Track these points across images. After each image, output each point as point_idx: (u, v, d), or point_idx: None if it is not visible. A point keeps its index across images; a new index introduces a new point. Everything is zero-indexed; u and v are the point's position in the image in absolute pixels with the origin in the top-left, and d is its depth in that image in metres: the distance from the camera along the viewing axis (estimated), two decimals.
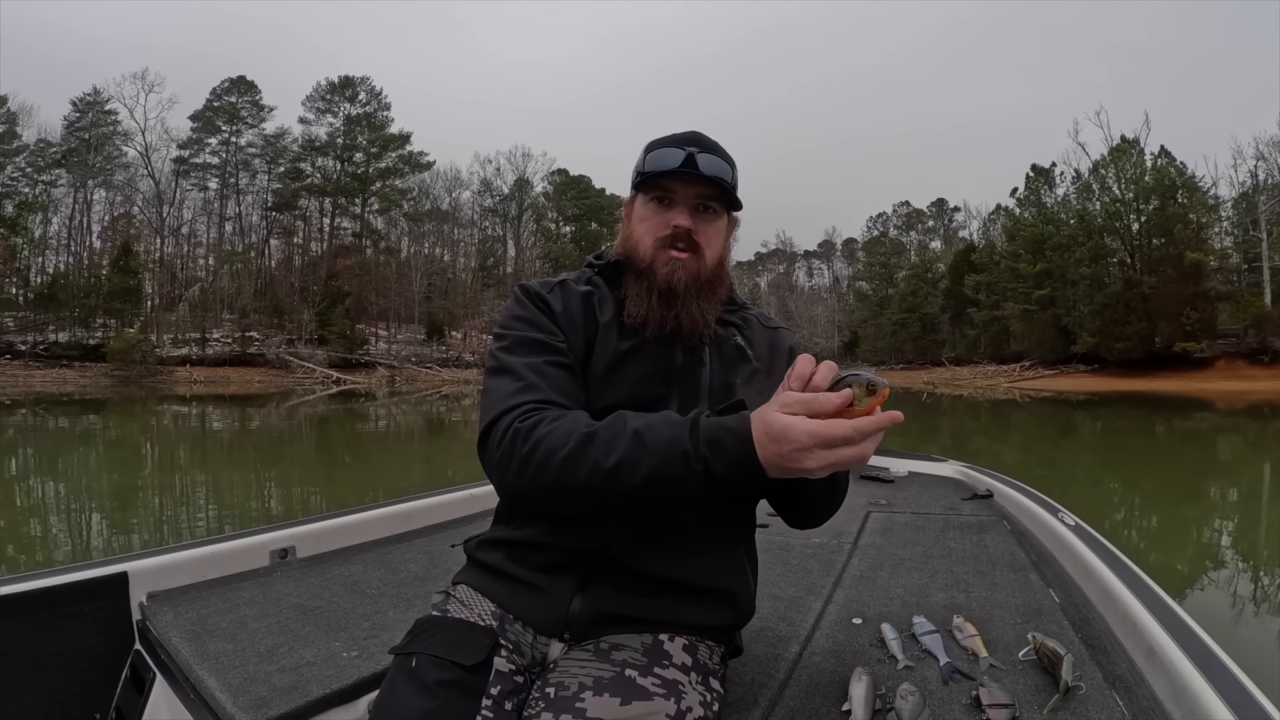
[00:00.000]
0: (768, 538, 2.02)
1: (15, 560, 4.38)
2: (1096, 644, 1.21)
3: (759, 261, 75.35)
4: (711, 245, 0.98)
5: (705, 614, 0.93)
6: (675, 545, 0.91)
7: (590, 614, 0.89)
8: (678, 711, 0.79)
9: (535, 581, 0.91)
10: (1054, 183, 43.50)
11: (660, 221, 0.96)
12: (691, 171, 0.93)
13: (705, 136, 0.98)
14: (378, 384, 36.51)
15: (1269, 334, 30.98)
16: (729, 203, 0.98)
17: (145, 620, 1.38)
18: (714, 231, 0.98)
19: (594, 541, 0.89)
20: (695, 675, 0.86)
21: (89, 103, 43.32)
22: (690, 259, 0.95)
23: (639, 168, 0.98)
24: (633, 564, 0.90)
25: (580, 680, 0.81)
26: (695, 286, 0.95)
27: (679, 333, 0.95)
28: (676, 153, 0.94)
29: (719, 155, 0.96)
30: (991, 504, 2.46)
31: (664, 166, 0.94)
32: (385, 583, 1.63)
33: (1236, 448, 11.48)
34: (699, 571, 0.92)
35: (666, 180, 0.95)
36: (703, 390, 0.96)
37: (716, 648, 0.94)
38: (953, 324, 47.68)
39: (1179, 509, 6.28)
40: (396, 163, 49.47)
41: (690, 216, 0.96)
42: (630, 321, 0.96)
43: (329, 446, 11.97)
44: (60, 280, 40.84)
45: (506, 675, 0.84)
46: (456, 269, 53.12)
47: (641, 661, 0.84)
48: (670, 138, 0.98)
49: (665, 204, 0.97)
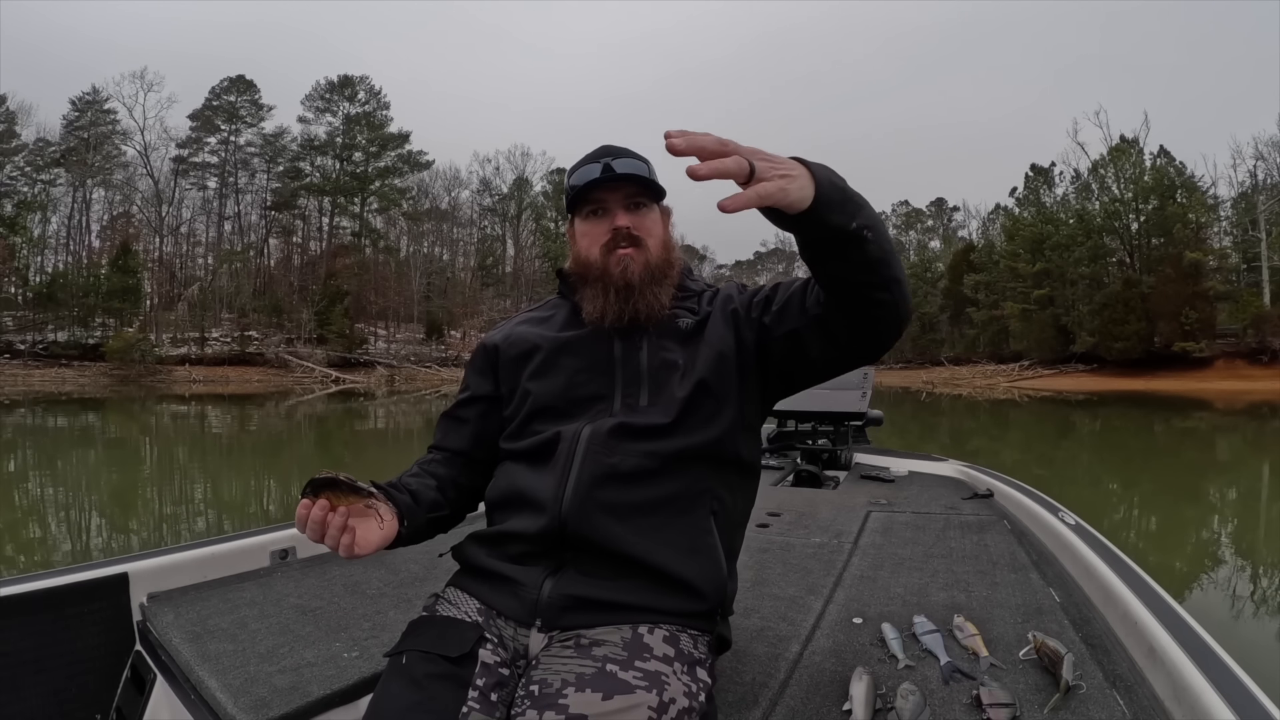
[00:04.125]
0: (768, 537, 2.03)
1: (15, 560, 4.37)
2: (1097, 643, 1.21)
3: (758, 261, 75.42)
4: (652, 235, 1.05)
5: (675, 596, 0.92)
6: (635, 523, 0.92)
7: (559, 598, 0.90)
8: (660, 703, 0.80)
9: (510, 573, 0.94)
10: (1053, 182, 43.50)
11: (600, 230, 1.04)
12: (611, 177, 1.01)
13: (615, 146, 1.06)
14: (377, 383, 36.48)
15: (1268, 334, 31.00)
16: (655, 194, 1.06)
17: (146, 621, 1.38)
18: (650, 223, 1.05)
19: (551, 524, 0.92)
20: (679, 665, 0.86)
21: (88, 102, 43.24)
22: (637, 252, 1.02)
23: (567, 191, 1.07)
24: (595, 540, 0.91)
25: (563, 677, 0.82)
26: (648, 275, 1.02)
27: (636, 321, 1.02)
28: (594, 167, 1.02)
29: (631, 156, 1.04)
30: (992, 503, 2.46)
31: (587, 179, 1.01)
32: (385, 583, 1.63)
33: (1235, 447, 11.49)
34: (663, 550, 0.92)
35: (593, 192, 1.03)
36: (643, 376, 1.01)
37: (700, 636, 0.94)
38: (952, 323, 47.67)
39: (1178, 509, 6.28)
40: (395, 162, 49.41)
41: (625, 215, 1.03)
42: (589, 319, 1.04)
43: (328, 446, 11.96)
44: (59, 279, 40.77)
45: (492, 667, 0.86)
46: (455, 268, 53.06)
47: (622, 656, 0.84)
48: (585, 156, 1.06)
49: (600, 214, 1.04)
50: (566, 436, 0.97)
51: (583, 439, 0.96)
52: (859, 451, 3.40)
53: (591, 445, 0.95)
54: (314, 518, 0.81)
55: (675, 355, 1.01)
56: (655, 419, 0.96)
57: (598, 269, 1.02)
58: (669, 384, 1.00)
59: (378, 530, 0.86)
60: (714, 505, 0.98)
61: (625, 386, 1.01)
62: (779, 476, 3.08)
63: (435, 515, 1.01)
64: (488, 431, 1.09)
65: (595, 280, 1.03)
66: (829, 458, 3.25)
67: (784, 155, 0.75)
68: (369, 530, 0.85)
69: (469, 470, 1.10)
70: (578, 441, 0.96)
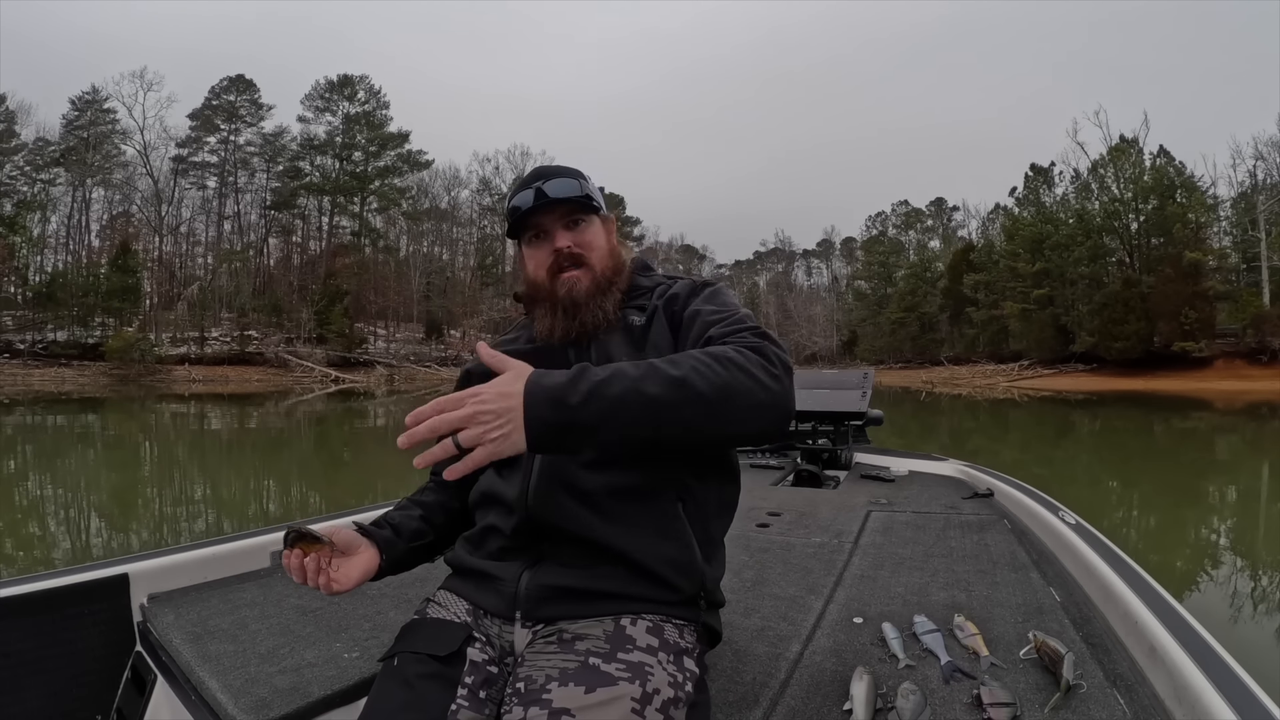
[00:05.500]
0: (768, 537, 2.03)
1: (15, 561, 4.37)
2: (1097, 643, 1.21)
3: (758, 261, 75.41)
4: (595, 249, 1.07)
5: (651, 583, 0.92)
6: (604, 509, 0.93)
7: (537, 589, 0.92)
8: (644, 694, 0.80)
9: (491, 569, 0.97)
10: (1053, 182, 43.54)
11: (544, 253, 1.06)
12: (545, 202, 1.03)
13: (548, 167, 1.08)
14: (376, 383, 36.50)
15: (1267, 333, 31.00)
16: (592, 208, 1.08)
17: (146, 622, 1.38)
18: (591, 236, 1.07)
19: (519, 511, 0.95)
20: (664, 655, 0.87)
21: (87, 101, 43.25)
22: (582, 273, 1.05)
23: (507, 218, 1.09)
24: (565, 528, 0.92)
25: (546, 672, 0.82)
26: (595, 291, 1.05)
27: (584, 333, 1.04)
28: (527, 194, 1.04)
29: (563, 176, 1.06)
30: (992, 503, 2.46)
31: (523, 206, 1.04)
32: (385, 584, 1.61)
33: (1235, 447, 11.50)
34: (632, 535, 0.92)
35: (530, 218, 1.05)
36: None
37: (686, 626, 0.94)
38: (951, 323, 47.71)
39: (1178, 508, 6.29)
40: (395, 161, 49.45)
41: (566, 234, 1.05)
42: (540, 336, 1.07)
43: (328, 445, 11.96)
44: (59, 279, 40.76)
45: (480, 665, 0.88)
46: (455, 268, 53.09)
47: (604, 648, 0.85)
48: (517, 183, 1.08)
49: (541, 238, 1.07)
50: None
51: None
52: (859, 451, 3.40)
53: None
54: (293, 566, 0.90)
55: (621, 355, 1.01)
56: None
57: (546, 290, 1.06)
58: None
59: (358, 567, 0.94)
60: (680, 492, 0.98)
61: None
62: (779, 476, 3.08)
63: (418, 544, 1.05)
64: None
65: (544, 300, 1.06)
66: (829, 457, 3.25)
67: (511, 388, 0.75)
68: (350, 568, 0.93)
69: (460, 493, 1.11)
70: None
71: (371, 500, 2.18)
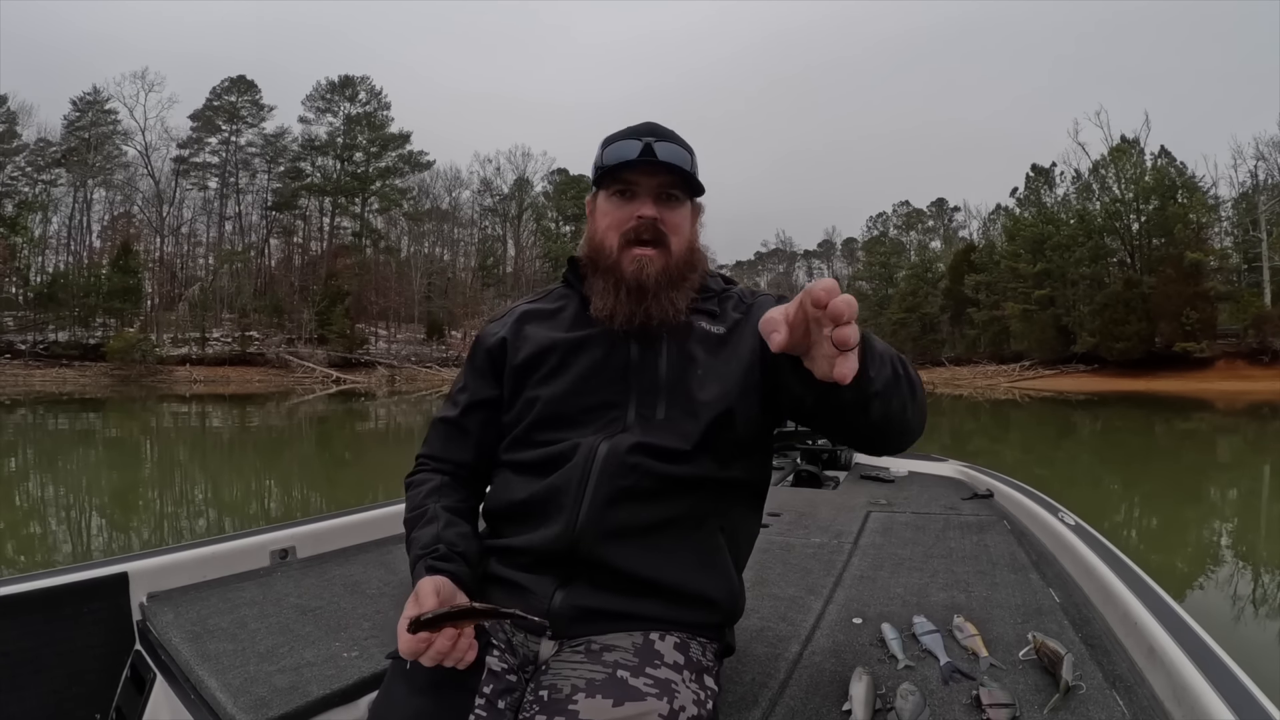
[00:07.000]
0: (768, 538, 2.02)
1: (15, 560, 4.38)
2: (1097, 643, 1.21)
3: (759, 261, 75.37)
4: (678, 233, 0.97)
5: (688, 610, 0.91)
6: (647, 543, 0.90)
7: (571, 609, 0.88)
8: (671, 711, 0.79)
9: (521, 580, 0.92)
10: (1054, 183, 43.48)
11: (624, 214, 0.95)
12: (650, 160, 0.92)
13: (661, 126, 0.97)
14: (377, 383, 36.50)
15: (1269, 334, 30.99)
16: (691, 189, 0.98)
17: (145, 620, 1.38)
18: (679, 219, 0.98)
19: (563, 543, 0.89)
20: (689, 673, 0.86)
21: (89, 102, 43.31)
22: (657, 254, 0.95)
23: (597, 164, 0.97)
24: (607, 561, 0.89)
25: (573, 682, 0.81)
26: (665, 279, 0.94)
27: (647, 326, 0.94)
28: (634, 144, 0.93)
29: (676, 143, 0.95)
30: (992, 504, 2.46)
31: (622, 158, 0.93)
32: (385, 583, 1.63)
33: (1236, 448, 11.49)
34: (674, 568, 0.90)
35: (626, 172, 0.94)
36: (661, 385, 0.95)
37: (709, 644, 0.93)
38: (952, 324, 47.67)
39: (1179, 509, 6.28)
40: (396, 162, 49.46)
41: (654, 206, 0.95)
42: (597, 315, 0.96)
43: (329, 446, 11.97)
44: (60, 279, 40.84)
45: (499, 674, 0.84)
46: (456, 268, 53.09)
47: (633, 662, 0.83)
48: (626, 130, 0.97)
49: (628, 196, 0.96)
50: (582, 451, 0.91)
51: (599, 457, 0.90)
52: (859, 451, 3.40)
53: (608, 465, 0.90)
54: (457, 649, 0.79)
55: (698, 364, 0.94)
56: (674, 443, 0.91)
57: (610, 260, 0.95)
58: (688, 397, 0.94)
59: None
60: (722, 522, 0.96)
61: (640, 396, 0.95)
62: (779, 476, 3.08)
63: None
64: (489, 441, 1.03)
65: (606, 272, 0.95)
66: (829, 458, 3.25)
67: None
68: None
69: (477, 484, 1.05)
70: (594, 460, 0.90)
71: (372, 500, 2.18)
